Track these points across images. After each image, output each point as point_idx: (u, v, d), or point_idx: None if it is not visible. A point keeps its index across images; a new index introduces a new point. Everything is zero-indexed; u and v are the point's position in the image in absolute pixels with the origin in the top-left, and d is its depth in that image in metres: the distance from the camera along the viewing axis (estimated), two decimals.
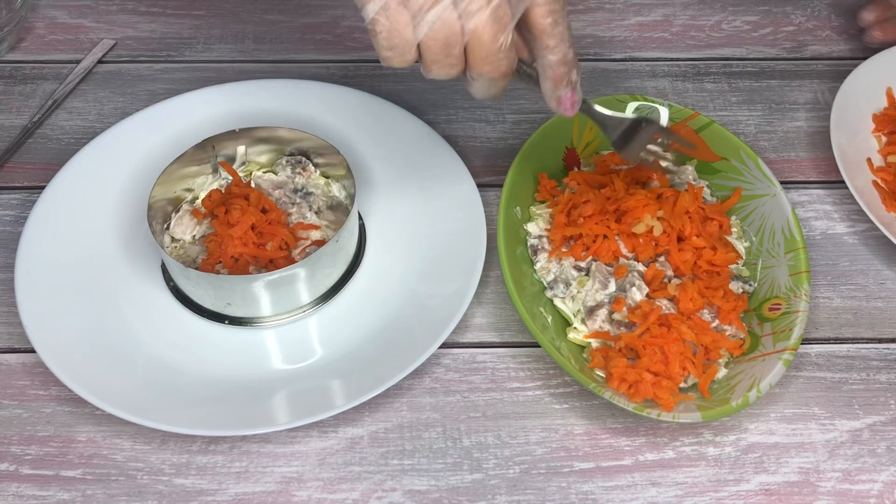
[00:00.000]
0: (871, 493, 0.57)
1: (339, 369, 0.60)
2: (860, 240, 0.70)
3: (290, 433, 0.58)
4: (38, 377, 0.61)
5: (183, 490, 0.56)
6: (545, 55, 0.54)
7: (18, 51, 0.81)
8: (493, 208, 0.68)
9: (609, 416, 0.60)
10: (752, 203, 0.67)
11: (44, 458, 0.57)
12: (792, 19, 0.87)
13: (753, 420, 0.60)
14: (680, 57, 0.83)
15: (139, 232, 0.66)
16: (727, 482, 0.57)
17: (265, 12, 0.85)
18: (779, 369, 0.57)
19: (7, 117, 0.76)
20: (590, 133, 0.70)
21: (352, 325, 0.62)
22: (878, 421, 0.60)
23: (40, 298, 0.61)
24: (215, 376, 0.59)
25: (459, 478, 0.57)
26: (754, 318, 0.62)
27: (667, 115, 0.70)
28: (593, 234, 0.63)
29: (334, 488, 0.56)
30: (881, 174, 0.71)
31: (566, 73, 0.54)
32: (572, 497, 0.56)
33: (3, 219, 0.69)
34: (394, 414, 0.60)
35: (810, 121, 0.78)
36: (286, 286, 0.60)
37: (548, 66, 0.54)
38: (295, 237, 0.63)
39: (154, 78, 0.79)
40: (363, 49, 0.82)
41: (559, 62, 0.54)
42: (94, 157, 0.69)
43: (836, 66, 0.82)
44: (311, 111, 0.71)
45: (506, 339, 0.64)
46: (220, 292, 0.60)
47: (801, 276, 0.61)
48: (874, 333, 0.65)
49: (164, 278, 0.64)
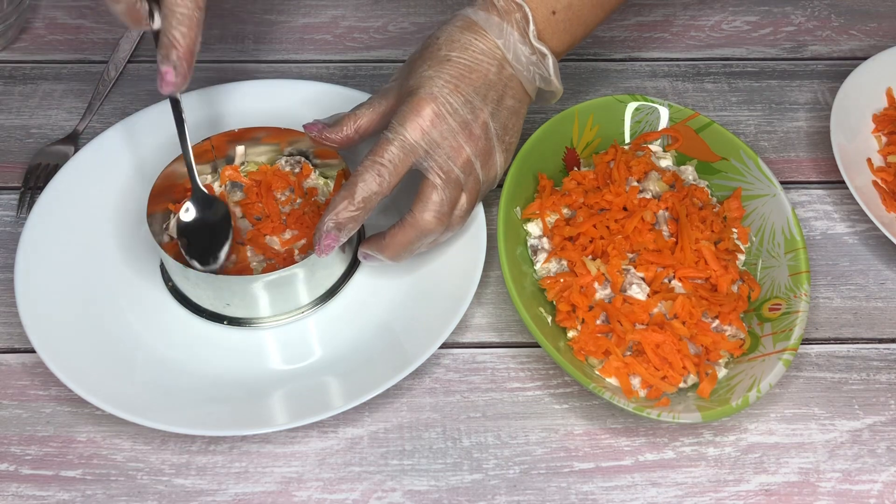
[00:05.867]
0: (871, 493, 0.57)
1: (339, 369, 0.60)
2: (860, 240, 0.70)
3: (290, 433, 0.58)
4: (37, 377, 0.61)
5: (183, 490, 0.56)
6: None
7: (18, 51, 0.81)
8: (493, 208, 0.68)
9: (609, 417, 0.60)
10: (752, 203, 0.67)
11: (43, 458, 0.57)
12: (792, 19, 0.87)
13: (753, 420, 0.60)
14: (680, 57, 0.83)
15: (139, 232, 0.66)
16: (727, 482, 0.57)
17: (265, 12, 0.85)
18: (779, 369, 0.57)
19: (7, 117, 0.76)
20: (590, 133, 0.70)
21: (351, 325, 0.62)
22: (878, 421, 0.60)
23: (40, 298, 0.61)
24: (215, 377, 0.59)
25: (459, 478, 0.57)
26: (754, 319, 0.62)
27: (667, 115, 0.70)
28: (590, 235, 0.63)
29: (334, 488, 0.56)
30: (881, 174, 0.71)
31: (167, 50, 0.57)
32: (572, 497, 0.56)
33: (3, 219, 0.69)
34: (394, 414, 0.60)
35: (810, 121, 0.78)
36: (286, 287, 0.60)
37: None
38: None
39: (154, 78, 0.79)
40: (363, 49, 0.82)
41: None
42: (94, 157, 0.69)
43: (836, 66, 0.82)
44: (310, 111, 0.71)
45: (506, 339, 0.64)
46: (220, 293, 0.60)
47: (801, 276, 0.61)
48: (874, 333, 0.65)
49: (164, 278, 0.64)
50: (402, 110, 0.58)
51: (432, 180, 0.58)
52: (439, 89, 0.58)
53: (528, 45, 0.60)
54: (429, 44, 0.61)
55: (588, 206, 0.65)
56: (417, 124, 0.57)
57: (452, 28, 0.60)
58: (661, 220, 0.64)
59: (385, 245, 0.59)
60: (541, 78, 0.62)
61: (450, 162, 0.58)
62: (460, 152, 0.58)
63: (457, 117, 0.58)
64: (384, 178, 0.57)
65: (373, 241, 0.61)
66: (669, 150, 0.70)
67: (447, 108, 0.58)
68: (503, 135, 0.61)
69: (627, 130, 0.71)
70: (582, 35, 0.64)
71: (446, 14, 0.85)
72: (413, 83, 0.59)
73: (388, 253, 0.60)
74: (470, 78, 0.59)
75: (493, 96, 0.59)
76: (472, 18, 0.60)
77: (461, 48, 0.59)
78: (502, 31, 0.59)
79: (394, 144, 0.57)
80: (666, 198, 0.65)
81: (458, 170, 0.58)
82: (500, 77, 0.60)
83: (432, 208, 0.58)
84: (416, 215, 0.58)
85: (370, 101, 0.63)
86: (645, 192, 0.66)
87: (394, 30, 0.84)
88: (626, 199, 0.65)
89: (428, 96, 0.57)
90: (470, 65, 0.59)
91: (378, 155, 0.57)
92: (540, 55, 0.61)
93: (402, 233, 0.59)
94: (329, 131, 0.63)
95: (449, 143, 0.58)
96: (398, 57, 0.82)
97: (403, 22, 0.85)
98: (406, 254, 0.60)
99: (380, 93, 0.63)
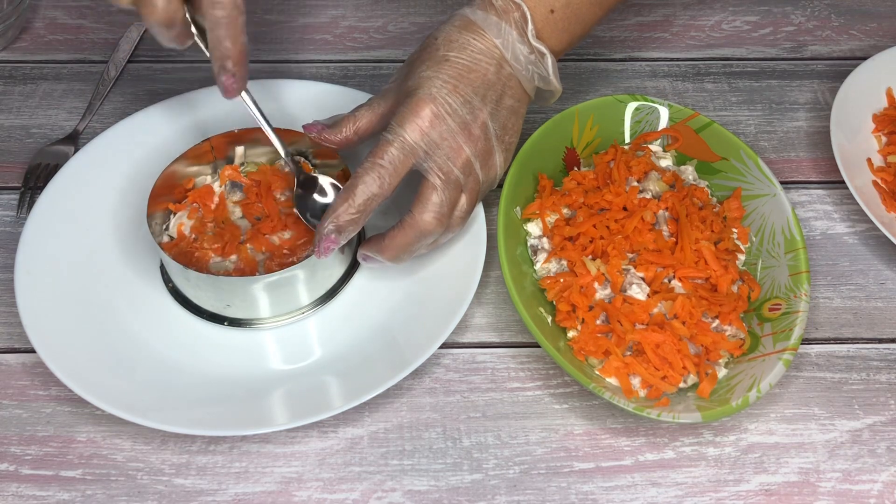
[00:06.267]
0: (871, 493, 0.57)
1: (339, 369, 0.60)
2: (860, 240, 0.70)
3: (290, 433, 0.58)
4: (37, 377, 0.61)
5: (183, 490, 0.56)
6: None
7: (18, 51, 0.81)
8: (493, 208, 0.68)
9: (609, 417, 0.60)
10: (752, 203, 0.67)
11: (43, 458, 0.57)
12: (792, 19, 0.87)
13: (753, 420, 0.60)
14: (680, 57, 0.83)
15: (139, 232, 0.66)
16: (727, 482, 0.57)
17: (265, 12, 0.85)
18: (779, 369, 0.57)
19: (7, 117, 0.76)
20: (590, 133, 0.70)
21: (351, 325, 0.62)
22: (878, 421, 0.60)
23: (40, 298, 0.61)
24: (215, 377, 0.59)
25: (459, 478, 0.57)
26: (754, 319, 0.62)
27: (667, 115, 0.70)
28: (590, 235, 0.63)
29: (334, 488, 0.56)
30: (881, 174, 0.71)
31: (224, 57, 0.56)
32: (572, 497, 0.56)
33: (3, 219, 0.69)
34: (394, 414, 0.60)
35: (810, 121, 0.78)
36: (286, 287, 0.60)
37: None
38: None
39: (154, 78, 0.79)
40: (363, 49, 0.82)
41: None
42: (94, 157, 0.69)
43: (836, 66, 0.82)
44: (310, 111, 0.71)
45: (506, 339, 0.64)
46: (220, 293, 0.60)
47: (801, 276, 0.61)
48: (874, 333, 0.65)
49: (164, 279, 0.64)
50: (401, 111, 0.58)
51: (432, 181, 0.58)
52: (438, 90, 0.58)
53: (527, 44, 0.60)
54: (427, 44, 0.61)
55: (588, 206, 0.65)
56: (417, 125, 0.57)
57: (451, 28, 0.60)
58: (661, 220, 0.64)
59: (385, 246, 0.59)
60: (539, 77, 0.62)
61: (449, 163, 0.58)
62: (460, 153, 0.58)
63: (456, 118, 0.58)
64: (384, 180, 0.57)
65: (372, 242, 0.61)
66: (669, 150, 0.70)
67: (446, 109, 0.58)
68: (503, 134, 0.61)
69: (627, 130, 0.71)
70: (580, 34, 0.64)
71: (446, 14, 0.85)
72: (412, 84, 0.59)
73: (387, 254, 0.60)
74: (469, 78, 0.59)
75: (492, 96, 0.59)
76: (470, 18, 0.60)
77: (459, 48, 0.59)
78: (501, 30, 0.59)
79: (393, 146, 0.57)
80: (666, 198, 0.65)
81: (458, 170, 0.58)
82: (498, 77, 0.60)
83: (432, 209, 0.58)
84: (415, 216, 0.58)
85: (369, 103, 0.63)
86: (645, 192, 0.66)
87: (394, 30, 0.84)
88: (626, 199, 0.65)
89: (427, 97, 0.57)
90: (468, 65, 0.59)
91: (378, 157, 0.57)
92: (539, 54, 0.61)
93: (402, 234, 0.59)
94: (328, 132, 0.63)
95: (448, 144, 0.58)
96: (398, 57, 0.82)
97: (403, 22, 0.85)
98: (406, 255, 0.60)
99: (379, 94, 0.63)
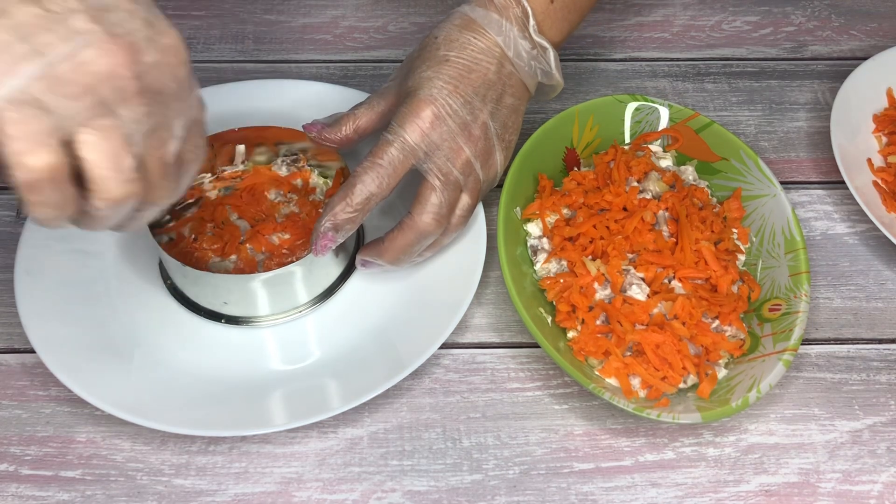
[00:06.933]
0: (871, 493, 0.57)
1: (339, 370, 0.60)
2: (860, 240, 0.70)
3: (290, 434, 0.58)
4: (37, 377, 0.61)
5: (182, 491, 0.56)
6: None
7: None
8: (493, 208, 0.68)
9: (609, 417, 0.60)
10: (752, 203, 0.67)
11: (43, 458, 0.57)
12: (792, 19, 0.87)
13: (753, 421, 0.60)
14: (680, 57, 0.83)
15: (138, 231, 0.65)
16: (727, 483, 0.57)
17: (265, 12, 0.85)
18: (779, 370, 0.57)
19: None
20: (590, 133, 0.70)
21: (351, 325, 0.62)
22: (878, 421, 0.60)
23: (40, 298, 0.61)
24: (215, 376, 0.59)
25: (459, 478, 0.57)
26: (754, 319, 0.62)
27: (667, 115, 0.70)
28: (590, 236, 0.63)
29: (334, 489, 0.56)
30: (881, 174, 0.71)
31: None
32: (572, 498, 0.56)
33: (3, 219, 0.69)
34: (393, 414, 0.60)
35: (810, 121, 0.78)
36: (284, 285, 0.60)
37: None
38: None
39: None
40: (363, 49, 0.82)
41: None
42: None
43: (836, 66, 0.82)
44: (310, 111, 0.71)
45: (506, 340, 0.64)
46: (217, 290, 0.60)
47: (801, 276, 0.61)
48: (874, 334, 0.65)
49: (162, 277, 0.64)
50: (401, 112, 0.58)
51: (431, 182, 0.58)
52: (438, 91, 0.58)
53: (529, 39, 0.60)
54: (427, 43, 0.61)
55: (588, 207, 0.65)
56: (417, 126, 0.57)
57: (451, 27, 0.60)
58: (661, 221, 0.64)
59: (384, 249, 0.59)
60: (542, 72, 0.62)
61: (449, 164, 0.58)
62: (460, 154, 0.58)
63: (456, 119, 0.58)
64: (383, 180, 0.57)
65: (371, 246, 0.61)
66: (669, 150, 0.70)
67: (447, 110, 0.58)
68: (503, 133, 0.61)
69: (627, 130, 0.71)
70: (577, 21, 0.64)
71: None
72: (412, 84, 0.59)
73: (387, 257, 0.60)
74: (469, 78, 0.59)
75: (492, 96, 0.59)
76: (470, 16, 0.60)
77: (460, 48, 0.59)
78: (501, 27, 0.59)
79: (393, 146, 0.57)
80: (666, 198, 0.65)
81: (458, 171, 0.58)
82: (499, 76, 0.60)
83: (431, 210, 0.58)
84: (414, 217, 0.58)
85: (369, 101, 0.63)
86: (645, 192, 0.66)
87: (394, 30, 0.84)
88: (626, 200, 0.64)
89: (427, 98, 0.57)
90: (469, 65, 0.59)
91: (377, 156, 0.57)
92: (541, 49, 0.61)
93: (401, 235, 0.59)
94: (328, 131, 0.63)
95: (448, 145, 0.58)
96: (398, 57, 0.82)
97: (403, 22, 0.85)
98: (406, 257, 0.60)
99: (378, 92, 0.63)
